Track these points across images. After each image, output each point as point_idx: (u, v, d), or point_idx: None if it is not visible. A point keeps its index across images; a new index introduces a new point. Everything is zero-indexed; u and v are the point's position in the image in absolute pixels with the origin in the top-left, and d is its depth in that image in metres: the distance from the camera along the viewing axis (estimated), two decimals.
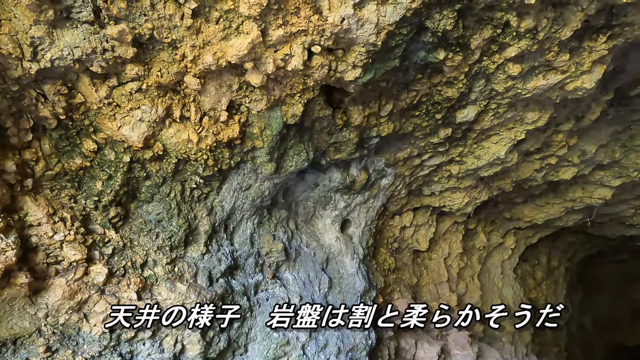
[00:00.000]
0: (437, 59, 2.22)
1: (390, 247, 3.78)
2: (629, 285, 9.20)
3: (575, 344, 7.90)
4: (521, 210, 4.88)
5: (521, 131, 3.00)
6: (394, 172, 3.11)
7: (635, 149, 3.78)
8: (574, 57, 2.43)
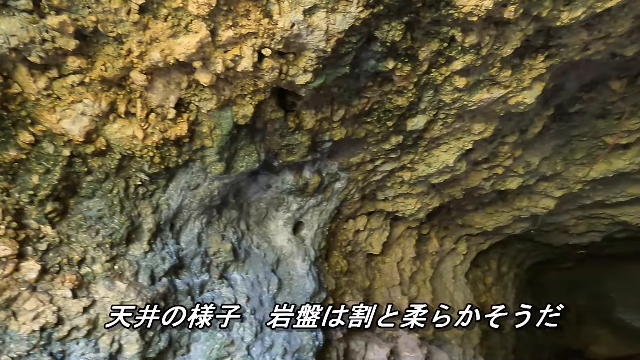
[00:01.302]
0: (386, 68, 2.29)
1: (343, 250, 3.84)
2: (574, 291, 9.72)
3: (523, 347, 8.25)
4: (472, 218, 5.07)
5: (469, 141, 3.13)
6: (347, 176, 3.17)
7: (575, 162, 4.02)
8: (516, 74, 2.57)
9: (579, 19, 2.14)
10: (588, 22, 2.28)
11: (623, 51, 2.60)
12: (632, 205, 5.13)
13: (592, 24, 2.30)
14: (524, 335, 8.13)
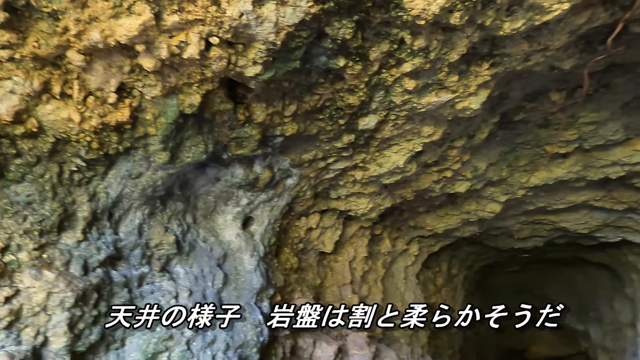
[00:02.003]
0: (337, 65, 2.31)
1: (295, 247, 3.84)
2: (519, 294, 10.17)
3: (469, 347, 8.56)
4: (424, 220, 5.22)
5: (419, 143, 3.22)
6: (299, 172, 3.18)
7: (519, 169, 4.22)
8: (463, 79, 2.67)
9: (519, 30, 2.25)
10: (529, 34, 2.40)
11: (561, 64, 2.76)
12: (571, 212, 5.45)
13: (533, 36, 2.42)
14: (470, 336, 8.44)
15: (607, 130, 3.62)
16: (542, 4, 2.09)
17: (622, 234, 5.87)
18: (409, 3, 2.04)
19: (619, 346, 7.96)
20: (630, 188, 4.58)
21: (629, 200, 4.83)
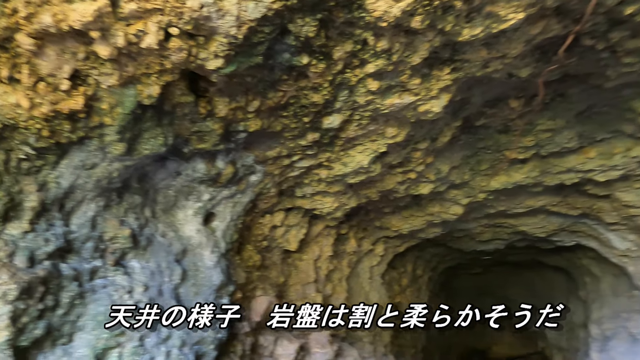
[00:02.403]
0: (301, 63, 2.32)
1: (259, 244, 3.82)
2: (481, 296, 10.47)
3: (433, 346, 8.74)
4: (389, 220, 5.29)
5: (383, 144, 3.27)
6: (263, 169, 3.17)
7: (480, 172, 4.35)
8: (425, 83, 2.73)
9: (478, 36, 2.32)
10: (487, 42, 2.48)
11: (518, 72, 2.86)
12: (530, 217, 5.65)
13: (491, 44, 2.50)
14: (434, 335, 8.62)
15: (563, 138, 3.78)
16: (499, 12, 2.17)
17: (576, 238, 6.14)
18: (372, 5, 2.07)
19: (572, 346, 8.31)
20: (584, 194, 4.79)
21: (582, 206, 5.06)
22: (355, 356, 5.00)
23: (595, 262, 6.78)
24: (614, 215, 4.96)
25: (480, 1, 2.13)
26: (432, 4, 2.10)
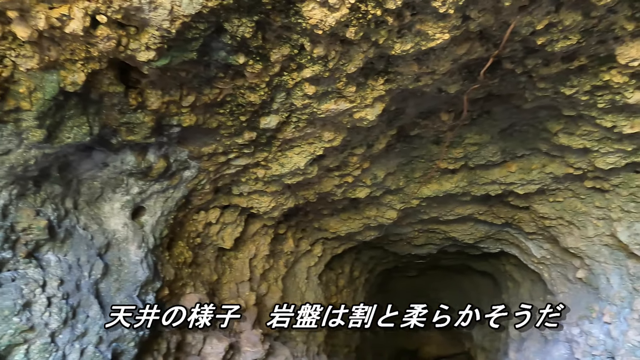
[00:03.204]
0: (237, 62, 2.34)
1: (192, 241, 3.76)
2: (416, 298, 10.92)
3: (366, 347, 8.99)
4: (328, 222, 5.40)
5: (319, 147, 3.34)
6: (198, 165, 3.13)
7: (414, 180, 4.57)
8: (360, 91, 2.83)
9: (409, 52, 2.45)
10: (418, 57, 2.62)
11: (447, 88, 3.05)
12: (459, 224, 6.01)
13: (422, 59, 2.65)
14: (368, 336, 8.88)
15: (488, 152, 4.06)
16: (427, 31, 2.31)
17: (500, 245, 6.60)
18: (308, 12, 2.13)
19: (493, 346, 8.89)
20: (507, 205, 5.18)
21: (505, 216, 5.45)
22: (287, 355, 5.04)
23: (517, 269, 7.32)
24: (532, 225, 5.40)
25: (411, 19, 2.26)
26: (365, 17, 2.19)
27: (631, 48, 2.45)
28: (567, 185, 4.38)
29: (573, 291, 5.66)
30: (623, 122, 3.07)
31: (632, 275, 4.52)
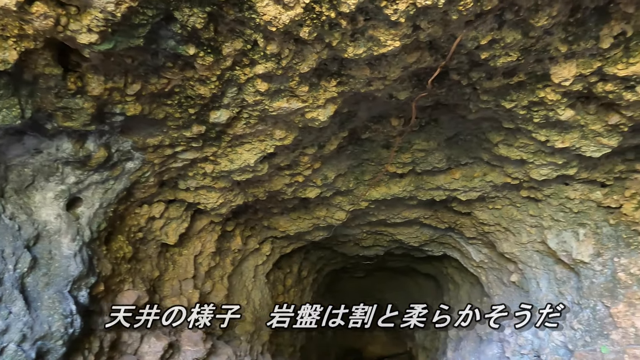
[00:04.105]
0: (187, 53, 2.27)
1: (133, 236, 3.61)
2: (363, 298, 11.14)
3: (312, 346, 9.04)
4: (277, 221, 5.39)
5: (270, 145, 3.32)
6: (142, 157, 3.01)
7: (364, 182, 4.65)
8: (313, 91, 2.85)
9: (361, 56, 2.50)
10: (370, 62, 2.68)
11: (398, 94, 3.14)
12: (406, 227, 6.20)
13: (374, 64, 2.71)
14: (314, 335, 8.93)
15: (434, 159, 4.22)
16: (379, 37, 2.37)
17: (443, 249, 6.88)
18: (262, 8, 2.11)
19: (434, 346, 9.25)
20: (450, 210, 5.40)
21: (449, 221, 5.69)
22: (230, 354, 4.97)
23: (458, 271, 7.66)
24: (473, 230, 5.67)
25: (364, 24, 2.30)
26: (320, 18, 2.21)
27: (564, 68, 2.64)
28: (505, 194, 4.64)
29: (507, 294, 6.00)
30: (555, 137, 3.30)
31: (558, 280, 4.86)
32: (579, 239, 4.31)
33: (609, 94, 2.73)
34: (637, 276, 3.81)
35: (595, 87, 2.74)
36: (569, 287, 4.68)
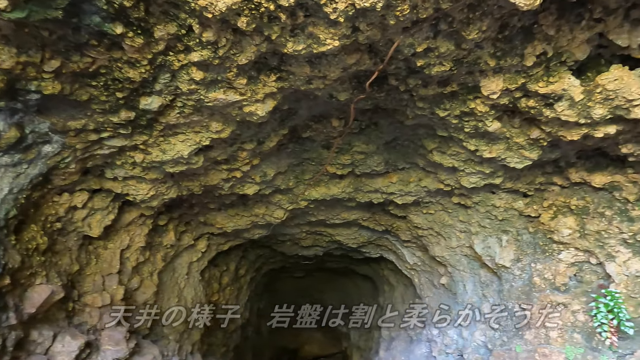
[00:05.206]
0: (114, 31, 2.13)
1: (50, 226, 3.34)
2: (301, 298, 11.15)
3: (247, 346, 8.90)
4: (214, 217, 5.23)
5: (206, 137, 3.21)
6: (62, 140, 2.79)
7: (304, 181, 4.64)
8: (251, 85, 2.79)
9: (301, 53, 2.48)
10: (311, 60, 2.67)
11: (338, 95, 3.15)
12: (345, 228, 6.27)
13: (314, 63, 2.70)
14: (249, 335, 8.80)
15: (373, 162, 4.30)
16: (319, 35, 2.36)
17: (380, 251, 7.05)
18: None
19: (367, 345, 9.45)
20: (387, 213, 5.54)
21: (386, 224, 5.83)
22: (156, 354, 4.74)
23: (393, 273, 7.88)
24: (408, 234, 5.86)
25: (304, 20, 2.28)
26: (258, 9, 2.16)
27: (492, 82, 2.79)
28: (438, 200, 4.83)
29: (437, 295, 6.26)
30: (484, 147, 3.47)
31: (482, 283, 5.14)
32: (502, 245, 4.58)
33: (531, 109, 2.92)
34: (550, 281, 4.12)
35: (519, 102, 2.91)
36: (492, 290, 4.96)
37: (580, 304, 3.84)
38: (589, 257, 3.85)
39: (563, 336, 3.87)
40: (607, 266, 3.62)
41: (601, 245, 3.67)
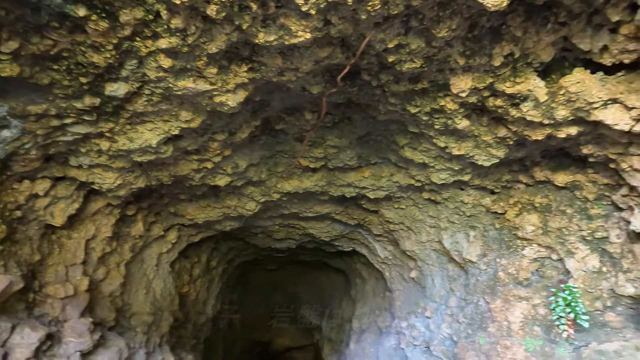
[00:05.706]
0: (76, 14, 2.06)
1: (9, 214, 3.21)
2: (274, 291, 11.16)
3: (218, 339, 8.85)
4: (185, 208, 5.16)
5: (175, 127, 3.15)
6: (21, 125, 2.68)
7: (277, 174, 4.63)
8: (222, 74, 2.74)
9: (272, 44, 2.45)
10: (283, 51, 2.64)
11: (310, 88, 3.14)
12: (318, 221, 6.29)
13: (286, 54, 2.68)
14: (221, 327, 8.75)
15: (346, 156, 4.32)
16: (291, 27, 2.34)
17: (353, 245, 7.11)
18: None
19: (339, 338, 9.55)
20: (360, 207, 5.59)
21: (358, 218, 5.88)
22: (122, 347, 4.66)
23: (365, 267, 7.97)
24: (379, 228, 5.93)
25: (275, 11, 2.26)
26: None
27: (461, 80, 2.84)
28: (409, 195, 4.90)
29: (406, 289, 6.37)
30: (453, 144, 3.54)
31: (450, 277, 5.26)
32: (469, 240, 4.70)
33: (498, 108, 2.99)
34: (513, 275, 4.25)
35: (487, 101, 2.98)
36: (459, 284, 5.09)
37: (541, 298, 3.98)
38: (550, 253, 3.99)
39: (524, 329, 4.01)
40: (566, 262, 3.76)
41: (562, 242, 3.81)
